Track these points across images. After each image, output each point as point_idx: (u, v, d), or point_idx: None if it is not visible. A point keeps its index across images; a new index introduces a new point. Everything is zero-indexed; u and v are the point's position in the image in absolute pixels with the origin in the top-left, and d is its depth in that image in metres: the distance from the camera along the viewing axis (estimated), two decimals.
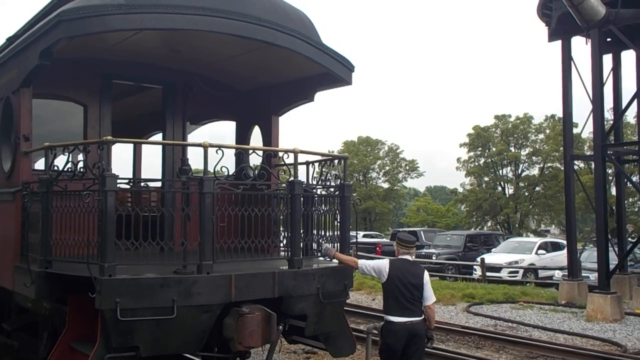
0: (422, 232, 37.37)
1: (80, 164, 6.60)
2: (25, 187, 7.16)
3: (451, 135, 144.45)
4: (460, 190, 69.48)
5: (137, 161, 11.38)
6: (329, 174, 7.80)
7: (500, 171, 63.05)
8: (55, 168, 6.72)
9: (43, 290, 6.56)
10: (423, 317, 6.89)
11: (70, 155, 6.90)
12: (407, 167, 74.42)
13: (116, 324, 5.70)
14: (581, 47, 17.69)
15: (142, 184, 10.03)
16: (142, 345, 5.86)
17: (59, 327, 6.88)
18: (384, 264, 7.02)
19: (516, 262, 26.21)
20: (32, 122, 7.48)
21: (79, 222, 6.21)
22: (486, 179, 63.20)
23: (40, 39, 6.82)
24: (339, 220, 7.64)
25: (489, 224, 64.17)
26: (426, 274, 7.06)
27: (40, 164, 9.86)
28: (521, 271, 25.80)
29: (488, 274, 24.39)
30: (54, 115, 10.12)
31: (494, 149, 61.39)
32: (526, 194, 61.00)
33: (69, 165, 6.66)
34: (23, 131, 7.37)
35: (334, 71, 8.14)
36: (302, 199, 7.14)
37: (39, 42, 6.83)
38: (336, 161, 8.04)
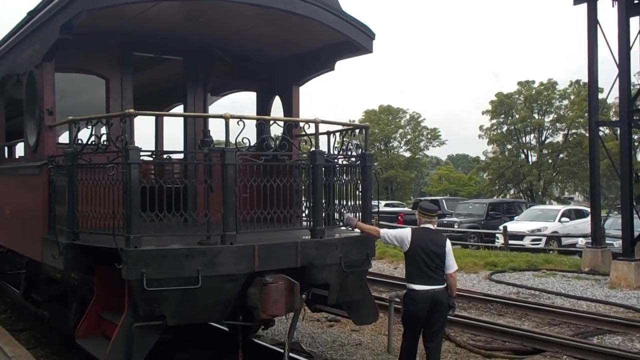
0: (444, 201, 37.28)
1: (104, 137, 6.66)
2: (51, 160, 7.25)
3: (474, 102, 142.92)
4: (483, 158, 69.07)
5: (159, 133, 11.46)
6: (350, 144, 7.78)
7: (524, 138, 62.42)
8: (80, 141, 6.79)
9: (71, 262, 6.68)
10: (445, 285, 6.93)
11: (94, 128, 6.98)
12: (429, 136, 74.02)
13: (143, 293, 5.79)
14: (607, 9, 17.30)
15: (165, 156, 10.10)
16: (169, 314, 5.97)
17: (87, 297, 7.02)
18: (406, 232, 7.04)
19: (539, 230, 26.10)
20: (55, 96, 7.55)
21: (104, 195, 6.29)
22: (509, 146, 62.64)
23: (60, 12, 6.83)
24: (360, 189, 7.64)
25: (512, 191, 63.79)
26: (448, 242, 7.07)
27: (64, 138, 9.97)
28: (544, 239, 25.71)
29: (511, 242, 24.35)
30: (78, 88, 10.19)
31: (517, 116, 60.70)
32: (550, 161, 60.37)
33: (93, 138, 6.72)
34: (46, 105, 7.43)
35: (354, 39, 8.05)
36: (323, 169, 7.15)
37: (60, 16, 6.84)
38: (357, 130, 8.01)
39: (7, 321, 11.01)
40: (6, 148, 13.81)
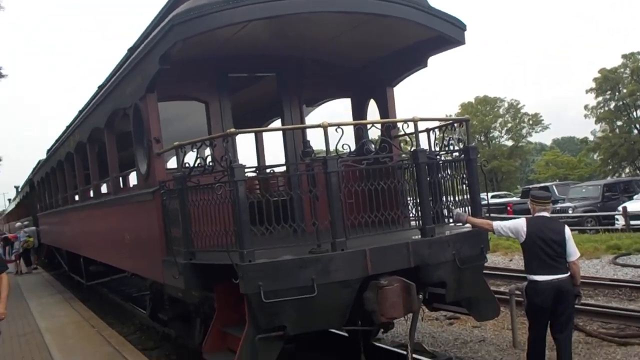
0: (554, 187, 35.74)
1: (209, 158, 6.87)
2: (162, 185, 7.58)
3: (575, 82, 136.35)
4: (591, 138, 65.90)
5: (260, 149, 11.72)
6: (451, 139, 7.62)
7: (634, 113, 58.89)
8: (187, 165, 7.05)
9: (191, 281, 6.94)
10: (569, 273, 6.61)
11: (199, 151, 7.23)
12: (531, 122, 71.55)
13: (261, 306, 5.91)
14: None
15: (268, 170, 10.32)
16: (289, 324, 6.05)
17: (209, 313, 7.26)
18: (520, 223, 6.79)
19: None
20: (160, 124, 7.91)
21: (215, 213, 6.47)
22: (619, 123, 59.40)
23: (157, 45, 7.16)
24: (467, 183, 7.45)
25: (627, 170, 60.31)
26: (567, 229, 6.76)
27: (172, 163, 10.40)
28: None
29: (632, 222, 22.93)
30: (180, 115, 10.61)
31: (624, 91, 57.43)
32: None
33: (199, 160, 6.96)
34: (153, 134, 7.80)
35: (445, 33, 7.87)
36: (427, 166, 7.03)
37: (157, 48, 7.17)
38: (456, 124, 7.83)
39: (138, 341, 11.58)
40: (120, 178, 14.64)
